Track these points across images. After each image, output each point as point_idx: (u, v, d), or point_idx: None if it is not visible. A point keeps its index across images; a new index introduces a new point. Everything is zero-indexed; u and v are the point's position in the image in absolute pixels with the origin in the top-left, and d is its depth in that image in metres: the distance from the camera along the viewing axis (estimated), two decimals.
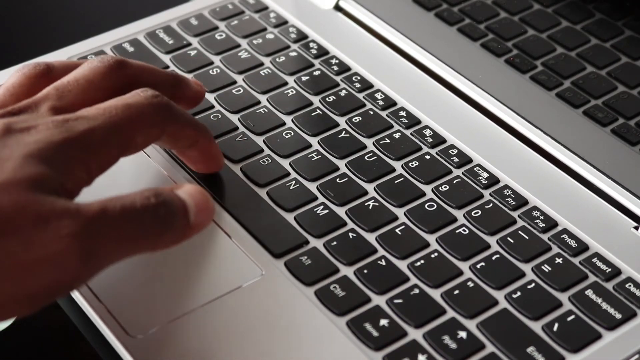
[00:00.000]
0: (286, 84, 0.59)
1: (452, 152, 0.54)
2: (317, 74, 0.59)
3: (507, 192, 0.52)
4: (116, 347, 0.45)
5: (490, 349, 0.45)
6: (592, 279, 0.48)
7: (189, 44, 0.61)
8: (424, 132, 0.55)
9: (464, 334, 0.45)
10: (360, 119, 0.56)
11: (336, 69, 0.60)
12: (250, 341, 0.45)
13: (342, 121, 0.56)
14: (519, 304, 0.46)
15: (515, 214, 0.51)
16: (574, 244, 0.49)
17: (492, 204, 0.51)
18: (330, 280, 0.47)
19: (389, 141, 0.55)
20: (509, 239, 0.49)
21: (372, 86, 0.59)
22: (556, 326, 0.46)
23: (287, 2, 0.65)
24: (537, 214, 0.51)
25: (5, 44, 0.68)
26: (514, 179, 0.53)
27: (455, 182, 0.53)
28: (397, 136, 0.55)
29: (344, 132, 0.55)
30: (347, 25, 0.64)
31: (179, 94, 0.51)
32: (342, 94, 0.58)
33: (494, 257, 0.48)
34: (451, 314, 0.46)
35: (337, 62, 0.60)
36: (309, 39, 0.62)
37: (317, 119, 0.56)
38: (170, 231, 0.42)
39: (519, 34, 0.62)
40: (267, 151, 0.54)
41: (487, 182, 0.53)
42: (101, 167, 0.44)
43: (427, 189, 0.52)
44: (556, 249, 0.49)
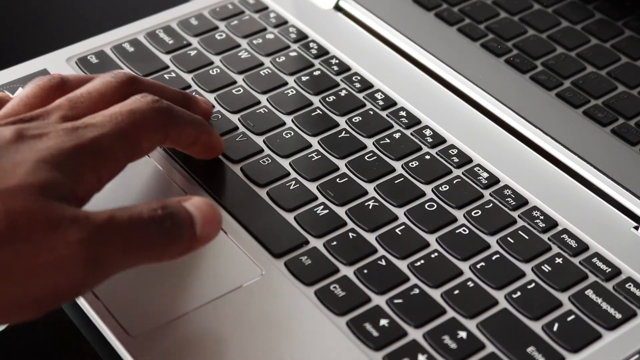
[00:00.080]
0: (286, 84, 0.59)
1: (452, 152, 0.54)
2: (317, 74, 0.59)
3: (507, 192, 0.52)
4: (116, 347, 0.45)
5: (490, 349, 0.45)
6: (592, 279, 0.48)
7: (189, 44, 0.61)
8: (424, 132, 0.55)
9: (464, 334, 0.45)
10: (360, 119, 0.56)
11: (336, 69, 0.60)
12: (250, 341, 0.45)
13: (342, 121, 0.56)
14: (519, 304, 0.46)
15: (515, 214, 0.51)
16: (574, 244, 0.49)
17: (492, 204, 0.51)
18: (330, 280, 0.47)
19: (389, 141, 0.55)
20: (509, 239, 0.49)
21: (372, 86, 0.58)
22: (556, 326, 0.46)
23: (287, 2, 0.65)
24: (537, 214, 0.51)
25: (5, 44, 0.68)
26: (514, 179, 0.53)
27: (455, 182, 0.53)
28: (397, 136, 0.55)
29: (344, 132, 0.55)
30: (347, 25, 0.64)
31: (190, 111, 0.51)
32: (342, 94, 0.58)
33: (494, 257, 0.48)
34: (451, 314, 0.46)
35: (337, 62, 0.60)
36: (309, 39, 0.62)
37: (317, 119, 0.56)
38: (176, 243, 0.42)
39: (519, 34, 0.62)
40: (267, 151, 0.54)
41: (487, 182, 0.53)
42: (110, 174, 0.44)
43: (427, 189, 0.52)
44: (556, 249, 0.49)
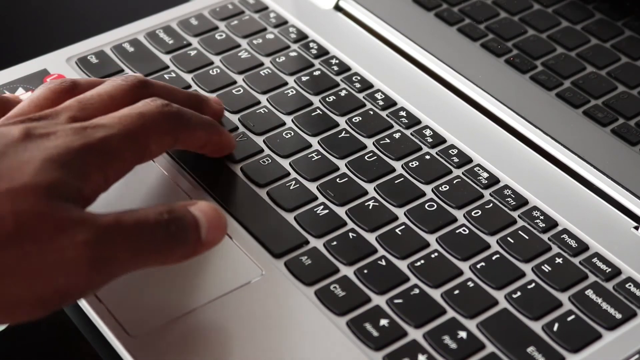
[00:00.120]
0: (286, 84, 0.59)
1: (452, 152, 0.54)
2: (317, 74, 0.59)
3: (507, 192, 0.52)
4: (116, 347, 0.45)
5: (490, 349, 0.45)
6: (592, 279, 0.48)
7: (189, 44, 0.61)
8: (424, 132, 0.55)
9: (464, 334, 0.45)
10: (360, 119, 0.56)
11: (336, 69, 0.60)
12: (250, 341, 0.45)
13: (342, 121, 0.56)
14: (519, 304, 0.46)
15: (515, 214, 0.51)
16: (574, 244, 0.49)
17: (492, 204, 0.51)
18: (330, 280, 0.47)
19: (389, 141, 0.55)
20: (509, 239, 0.49)
21: (372, 86, 0.58)
22: (556, 326, 0.46)
23: (287, 2, 0.65)
24: (537, 214, 0.51)
25: (5, 44, 0.68)
26: (514, 179, 0.53)
27: (455, 182, 0.53)
28: (397, 136, 0.55)
29: (344, 132, 0.55)
30: (347, 25, 0.64)
31: (203, 113, 0.51)
32: (342, 94, 0.58)
33: (494, 257, 0.48)
34: (451, 314, 0.46)
35: (337, 62, 0.60)
36: (309, 39, 0.62)
37: (317, 119, 0.56)
38: (181, 247, 0.43)
39: (519, 34, 0.62)
40: (267, 151, 0.54)
41: (487, 182, 0.53)
42: (117, 174, 0.44)
43: (427, 189, 0.52)
44: (556, 249, 0.49)
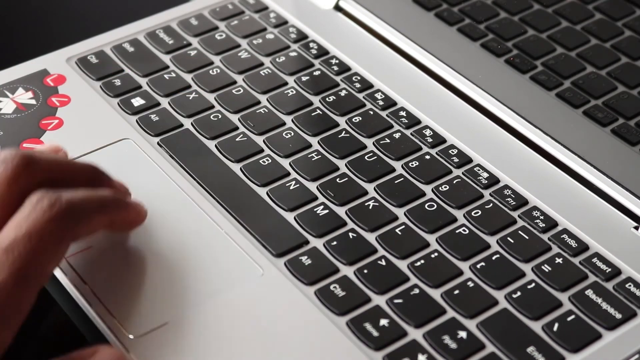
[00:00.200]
0: (286, 84, 0.59)
1: (452, 152, 0.54)
2: (317, 74, 0.59)
3: (507, 192, 0.52)
4: (116, 347, 0.45)
5: (490, 349, 0.45)
6: (592, 279, 0.48)
7: (189, 44, 0.61)
8: (424, 132, 0.55)
9: (464, 334, 0.45)
10: (360, 119, 0.56)
11: (336, 69, 0.60)
12: (250, 341, 0.45)
13: (342, 121, 0.56)
14: (519, 304, 0.46)
15: (515, 214, 0.51)
16: (574, 244, 0.49)
17: (492, 204, 0.51)
18: (330, 280, 0.47)
19: (389, 141, 0.55)
20: (509, 239, 0.49)
21: (372, 86, 0.58)
22: (556, 326, 0.45)
23: (287, 2, 0.65)
24: (537, 214, 0.51)
25: (5, 44, 0.68)
26: (514, 179, 0.53)
27: (455, 182, 0.53)
28: (397, 136, 0.55)
29: (344, 132, 0.55)
30: (347, 25, 0.64)
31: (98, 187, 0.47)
32: (342, 94, 0.58)
33: (494, 257, 0.48)
34: (451, 314, 0.46)
35: (337, 62, 0.60)
36: (309, 39, 0.62)
37: (317, 119, 0.56)
38: None
39: (519, 34, 0.62)
40: (267, 151, 0.54)
41: (487, 182, 0.53)
42: (22, 314, 0.41)
43: (427, 189, 0.52)
44: (556, 249, 0.49)
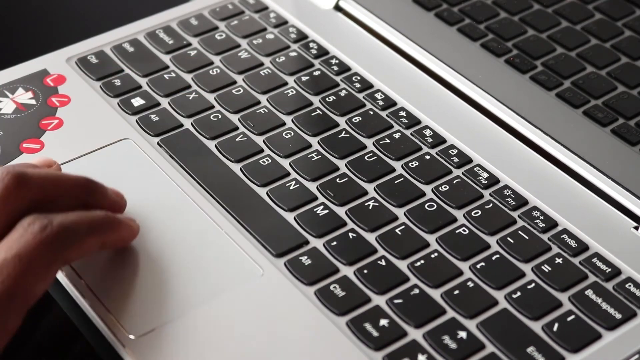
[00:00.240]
0: (286, 84, 0.59)
1: (452, 152, 0.54)
2: (317, 74, 0.59)
3: (507, 192, 0.52)
4: (116, 347, 0.45)
5: (490, 349, 0.45)
6: (592, 279, 0.48)
7: (189, 44, 0.61)
8: (424, 132, 0.55)
9: (464, 334, 0.45)
10: (360, 119, 0.56)
11: (336, 69, 0.60)
12: (250, 340, 0.45)
13: (342, 121, 0.56)
14: (519, 304, 0.46)
15: (515, 214, 0.51)
16: (574, 244, 0.49)
17: (492, 204, 0.51)
18: (330, 280, 0.47)
19: (389, 141, 0.55)
20: (509, 239, 0.49)
21: (372, 86, 0.58)
22: (556, 326, 0.45)
23: (287, 2, 0.65)
24: (537, 214, 0.51)
25: (5, 44, 0.68)
26: (514, 179, 0.53)
27: (455, 182, 0.52)
28: (397, 136, 0.55)
29: (344, 132, 0.55)
30: (347, 25, 0.63)
31: (93, 204, 0.46)
32: (342, 94, 0.58)
33: (494, 257, 0.48)
34: (451, 314, 0.46)
35: (337, 62, 0.60)
36: (309, 39, 0.62)
37: (317, 119, 0.56)
38: None
39: (519, 34, 0.62)
40: (267, 151, 0.54)
41: (487, 182, 0.53)
42: (7, 334, 0.41)
43: (427, 189, 0.52)
44: (556, 249, 0.49)
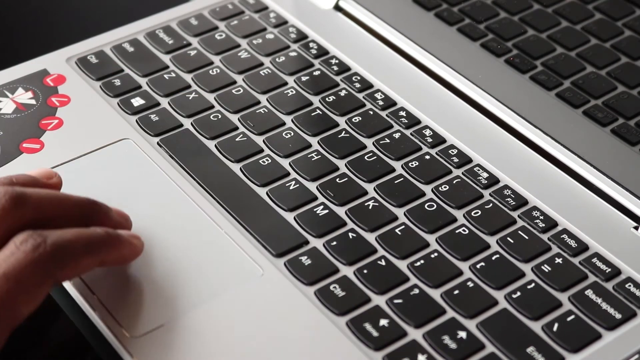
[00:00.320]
0: (286, 84, 0.59)
1: (452, 152, 0.54)
2: (317, 74, 0.59)
3: (507, 192, 0.52)
4: (116, 347, 0.45)
5: (490, 349, 0.45)
6: (592, 279, 0.48)
7: (189, 44, 0.61)
8: (424, 132, 0.55)
9: (464, 334, 0.45)
10: (360, 119, 0.56)
11: (336, 69, 0.60)
12: (250, 340, 0.45)
13: (342, 121, 0.56)
14: (519, 304, 0.46)
15: (515, 214, 0.51)
16: (574, 244, 0.49)
17: (492, 204, 0.51)
18: (330, 280, 0.47)
19: (389, 141, 0.55)
20: (509, 239, 0.49)
21: (372, 86, 0.58)
22: (556, 326, 0.45)
23: (287, 2, 0.65)
24: (537, 214, 0.51)
25: (5, 44, 0.68)
26: (514, 179, 0.53)
27: (455, 182, 0.52)
28: (397, 136, 0.55)
29: (344, 132, 0.55)
30: (347, 25, 0.63)
31: (95, 224, 0.45)
32: (342, 94, 0.58)
33: (494, 257, 0.48)
34: (451, 314, 0.46)
35: (337, 62, 0.60)
36: (309, 39, 0.62)
37: (317, 119, 0.56)
38: None
39: (519, 34, 0.62)
40: (267, 151, 0.54)
41: (487, 182, 0.53)
42: None
43: (427, 189, 0.52)
44: (556, 249, 0.49)
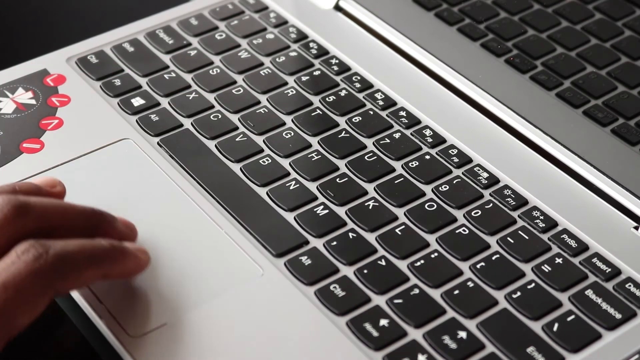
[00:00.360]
0: (286, 84, 0.59)
1: (452, 152, 0.54)
2: (317, 74, 0.59)
3: (507, 192, 0.52)
4: (116, 347, 0.45)
5: (490, 349, 0.45)
6: (592, 279, 0.48)
7: (189, 44, 0.61)
8: (424, 132, 0.55)
9: (464, 334, 0.45)
10: (360, 119, 0.56)
11: (336, 69, 0.60)
12: (250, 340, 0.45)
13: (342, 121, 0.56)
14: (519, 304, 0.46)
15: (515, 214, 0.51)
16: (574, 244, 0.49)
17: (492, 204, 0.51)
18: (330, 280, 0.47)
19: (389, 141, 0.55)
20: (509, 239, 0.49)
21: (372, 86, 0.58)
22: (556, 326, 0.45)
23: (287, 2, 0.65)
24: (537, 214, 0.51)
25: (5, 44, 0.68)
26: (514, 179, 0.53)
27: (455, 182, 0.52)
28: (397, 136, 0.55)
29: (344, 132, 0.55)
30: (347, 25, 0.63)
31: (100, 235, 0.44)
32: (342, 94, 0.58)
33: (494, 257, 0.48)
34: (451, 314, 0.46)
35: (337, 62, 0.60)
36: (309, 39, 0.62)
37: (317, 119, 0.56)
38: None
39: (519, 34, 0.62)
40: (267, 151, 0.54)
41: (487, 182, 0.53)
42: None
43: (427, 189, 0.52)
44: (556, 249, 0.49)
